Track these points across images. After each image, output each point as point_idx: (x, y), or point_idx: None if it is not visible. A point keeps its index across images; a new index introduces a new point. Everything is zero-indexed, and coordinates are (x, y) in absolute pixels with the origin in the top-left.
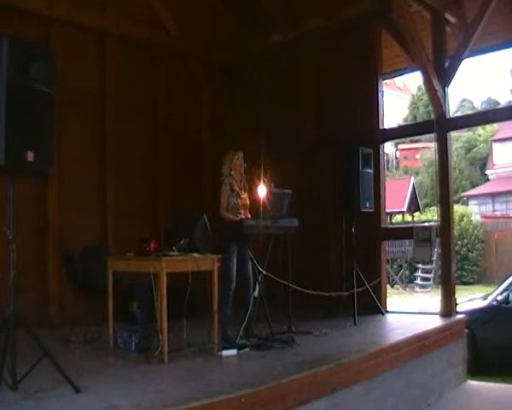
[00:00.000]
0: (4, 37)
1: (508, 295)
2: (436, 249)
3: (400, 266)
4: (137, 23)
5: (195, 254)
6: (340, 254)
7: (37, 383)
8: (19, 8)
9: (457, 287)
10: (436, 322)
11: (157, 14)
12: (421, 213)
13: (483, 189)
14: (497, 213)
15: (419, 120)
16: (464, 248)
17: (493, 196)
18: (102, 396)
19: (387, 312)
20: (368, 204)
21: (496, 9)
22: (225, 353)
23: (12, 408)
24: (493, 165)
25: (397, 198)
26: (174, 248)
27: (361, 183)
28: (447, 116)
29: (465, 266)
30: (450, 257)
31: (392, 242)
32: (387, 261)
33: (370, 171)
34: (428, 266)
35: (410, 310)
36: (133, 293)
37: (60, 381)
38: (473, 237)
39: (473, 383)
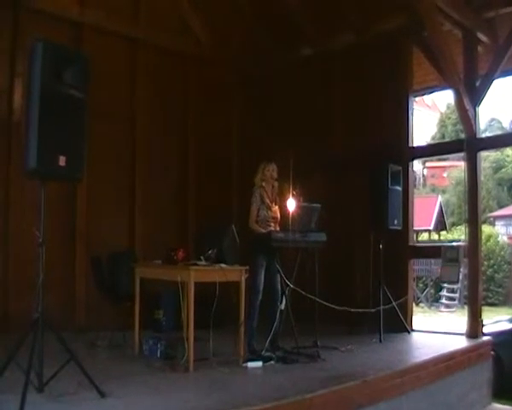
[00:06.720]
0: (39, 41)
1: None
2: (462, 269)
3: (426, 285)
4: (169, 32)
5: (223, 265)
6: (367, 270)
7: (63, 385)
8: (51, 13)
9: (483, 308)
10: (462, 343)
11: (188, 23)
12: (447, 233)
13: (510, 210)
14: None
15: (447, 138)
16: (490, 269)
17: None
18: (128, 402)
19: (413, 330)
20: (396, 222)
21: None
22: (250, 364)
23: None
24: None
25: (423, 216)
26: (202, 257)
27: (390, 200)
28: (477, 136)
29: (491, 288)
30: (478, 278)
31: (417, 260)
32: (413, 279)
33: (399, 188)
34: (454, 286)
35: (435, 329)
36: (159, 300)
37: (85, 385)
38: (499, 258)
39: (498, 406)
